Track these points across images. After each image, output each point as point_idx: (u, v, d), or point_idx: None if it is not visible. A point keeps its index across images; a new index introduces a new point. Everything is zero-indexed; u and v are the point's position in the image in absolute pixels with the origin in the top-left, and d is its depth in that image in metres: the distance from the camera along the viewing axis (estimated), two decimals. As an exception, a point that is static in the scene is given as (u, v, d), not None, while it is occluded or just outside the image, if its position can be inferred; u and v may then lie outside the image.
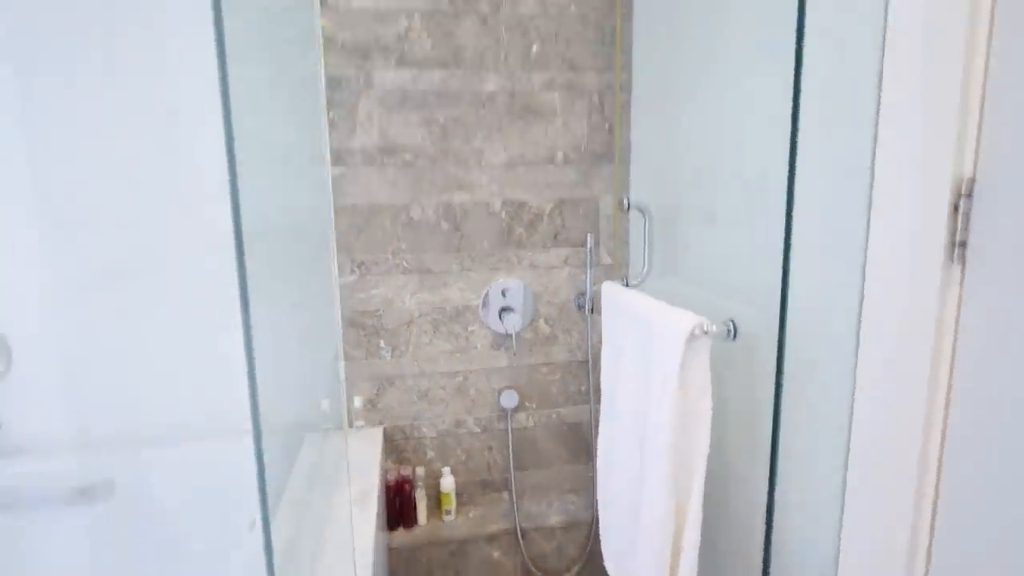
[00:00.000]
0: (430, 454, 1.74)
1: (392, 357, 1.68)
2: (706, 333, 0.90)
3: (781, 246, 0.80)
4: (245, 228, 0.73)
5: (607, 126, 1.68)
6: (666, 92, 1.45)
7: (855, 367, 0.82)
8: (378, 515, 1.30)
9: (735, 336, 0.91)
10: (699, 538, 0.98)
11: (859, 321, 0.81)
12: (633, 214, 1.71)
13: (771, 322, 0.93)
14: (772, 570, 0.89)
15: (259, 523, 0.90)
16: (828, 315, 0.86)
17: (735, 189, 1.09)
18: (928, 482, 0.74)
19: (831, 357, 0.86)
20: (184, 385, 1.43)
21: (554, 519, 1.69)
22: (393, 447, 1.71)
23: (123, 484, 1.37)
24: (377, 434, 1.64)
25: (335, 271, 1.63)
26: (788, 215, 0.79)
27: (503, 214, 1.68)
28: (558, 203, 1.70)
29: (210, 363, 1.42)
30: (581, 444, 1.82)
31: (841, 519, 0.85)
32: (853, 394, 0.82)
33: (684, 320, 0.92)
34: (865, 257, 0.79)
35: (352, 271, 1.63)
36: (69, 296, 1.36)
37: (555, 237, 1.72)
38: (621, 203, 1.33)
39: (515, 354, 1.73)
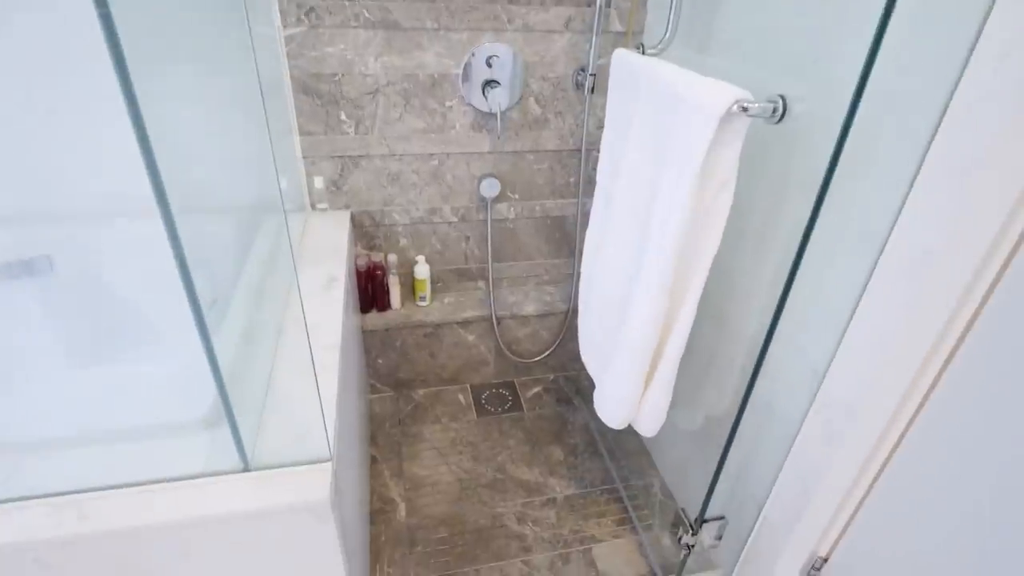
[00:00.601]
0: (403, 242, 1.63)
1: (356, 133, 1.45)
2: (745, 110, 0.71)
3: (880, 10, 0.58)
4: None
5: None
6: None
7: (919, 168, 0.67)
8: (348, 297, 1.24)
9: (782, 117, 0.73)
10: (684, 343, 0.93)
11: (937, 127, 0.63)
12: (658, -39, 1.35)
13: (829, 105, 0.74)
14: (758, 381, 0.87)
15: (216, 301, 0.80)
16: (900, 111, 0.68)
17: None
18: (967, 310, 0.65)
19: (888, 165, 0.70)
20: (114, 157, 1.23)
21: (530, 307, 1.69)
22: (363, 233, 1.60)
23: (63, 261, 1.24)
24: (344, 218, 1.50)
25: (277, 19, 1.29)
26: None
27: (492, -51, 1.30)
28: (564, -62, 1.31)
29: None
30: (565, 239, 1.74)
31: (842, 337, 0.79)
32: (903, 203, 0.69)
33: (720, 94, 0.72)
34: (972, 48, 0.59)
35: (299, 20, 1.29)
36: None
37: (556, -11, 1.37)
38: (650, -64, 1.00)
39: (499, 137, 1.52)
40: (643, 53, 1.08)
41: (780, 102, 0.72)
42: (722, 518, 1.08)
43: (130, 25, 0.54)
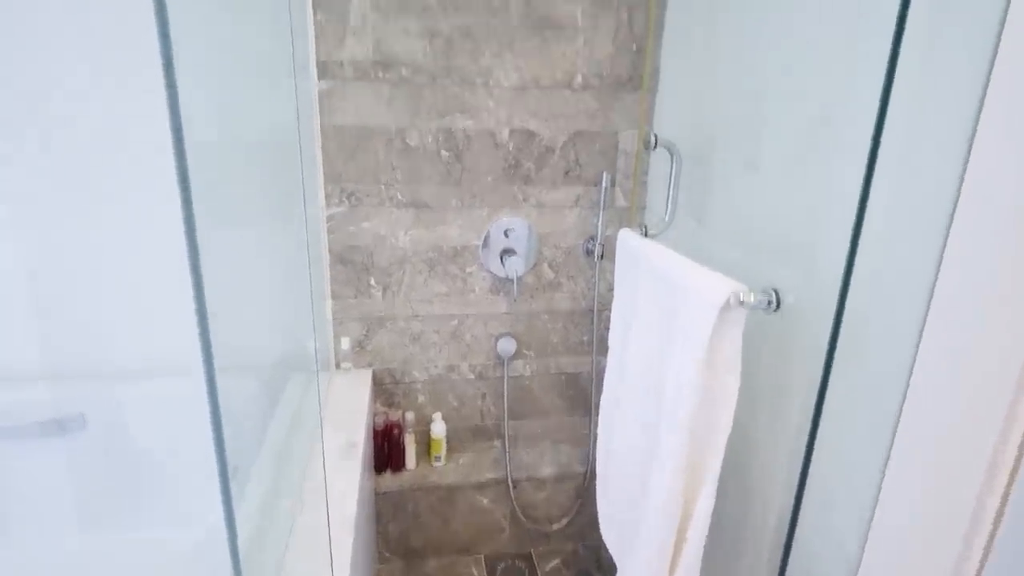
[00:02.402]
0: (421, 399, 1.66)
1: (383, 297, 1.55)
2: (742, 303, 0.77)
3: (855, 204, 0.66)
4: (193, 139, 0.57)
5: (635, 47, 1.47)
6: (709, 8, 1.24)
7: (915, 355, 0.69)
8: (364, 460, 1.23)
9: (777, 307, 0.78)
10: (707, 526, 0.89)
11: (928, 303, 0.68)
12: (656, 154, 1.54)
13: (819, 293, 0.80)
14: (789, 568, 0.82)
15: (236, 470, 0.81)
16: (890, 292, 0.73)
17: (787, 131, 0.93)
18: (991, 502, 0.64)
19: (887, 341, 0.74)
20: (157, 319, 1.33)
21: (546, 470, 1.64)
22: (383, 390, 1.63)
23: (95, 419, 1.29)
24: (366, 376, 1.55)
25: (322, 200, 1.47)
26: (871, 165, 0.64)
27: (510, 145, 1.50)
28: (573, 136, 1.52)
29: (180, 296, 1.31)
30: (579, 396, 1.74)
31: (871, 522, 0.76)
32: (907, 387, 0.71)
33: (718, 286, 0.79)
34: (948, 230, 0.65)
35: (341, 201, 1.47)
36: (34, 226, 1.23)
37: (566, 174, 1.55)
38: (648, 140, 1.16)
39: (515, 300, 1.61)
40: (646, 233, 1.18)
41: (774, 295, 0.78)
42: None
43: (203, 187, 0.56)
